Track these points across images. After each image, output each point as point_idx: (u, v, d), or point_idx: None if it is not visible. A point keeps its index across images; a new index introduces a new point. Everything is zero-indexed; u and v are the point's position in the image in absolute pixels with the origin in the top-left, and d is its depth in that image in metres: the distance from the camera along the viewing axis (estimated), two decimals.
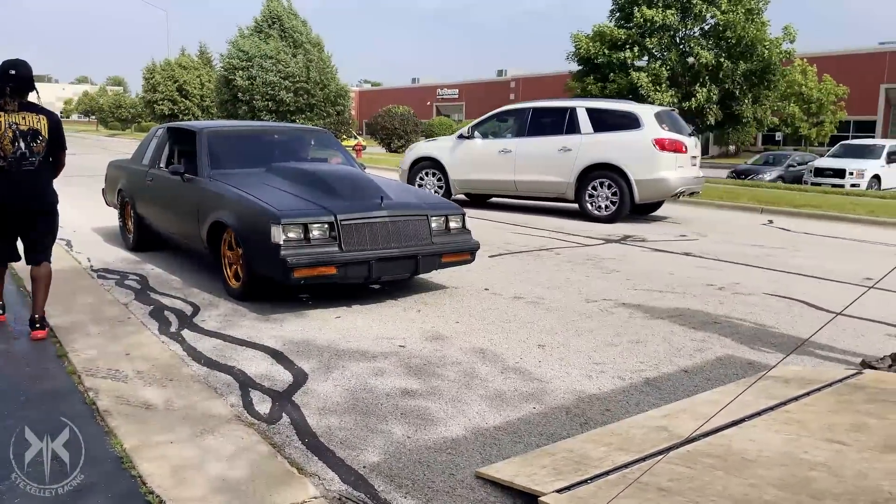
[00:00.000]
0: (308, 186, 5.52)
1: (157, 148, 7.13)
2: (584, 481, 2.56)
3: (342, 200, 5.23)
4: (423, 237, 5.35)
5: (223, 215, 5.36)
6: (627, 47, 24.22)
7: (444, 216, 5.58)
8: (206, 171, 5.95)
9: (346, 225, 5.00)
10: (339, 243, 4.94)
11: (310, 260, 4.77)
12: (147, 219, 7.00)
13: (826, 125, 36.37)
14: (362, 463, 2.86)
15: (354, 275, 4.97)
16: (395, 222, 5.23)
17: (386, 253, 5.06)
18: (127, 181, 7.55)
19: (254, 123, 7.69)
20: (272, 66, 33.23)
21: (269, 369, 3.92)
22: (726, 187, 16.67)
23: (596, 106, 10.99)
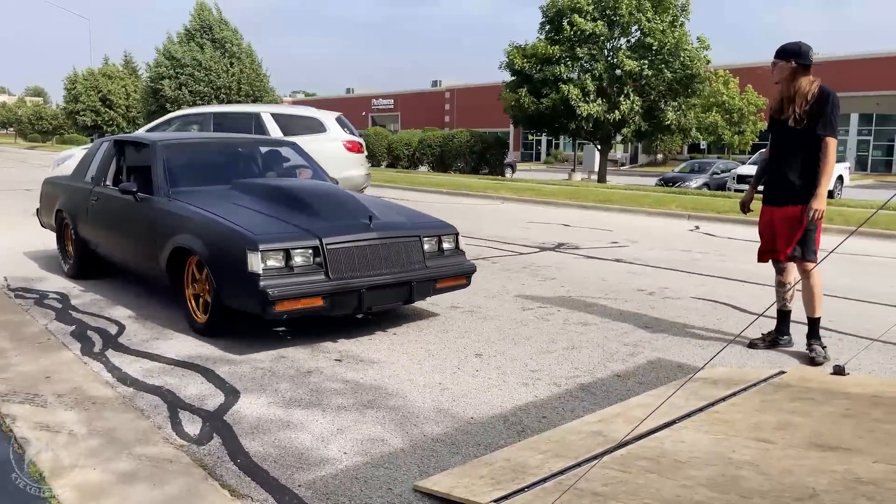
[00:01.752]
0: (283, 205, 4.93)
1: (102, 163, 6.36)
2: (521, 490, 2.56)
3: (324, 221, 4.65)
4: (417, 261, 4.80)
5: (187, 240, 4.69)
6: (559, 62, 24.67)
7: (437, 237, 5.06)
8: (164, 190, 5.29)
9: (333, 249, 4.42)
10: (326, 270, 4.35)
11: (294, 291, 4.19)
12: (91, 243, 6.25)
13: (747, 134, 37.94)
14: (297, 482, 2.80)
15: (343, 306, 4.41)
16: (385, 245, 4.66)
17: (377, 280, 4.52)
18: (67, 200, 6.71)
19: (214, 135, 6.93)
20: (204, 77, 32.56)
21: (199, 389, 3.79)
22: (655, 195, 17.16)
23: (280, 112, 11.38)
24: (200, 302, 4.79)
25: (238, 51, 34.12)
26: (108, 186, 6.12)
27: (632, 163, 50.50)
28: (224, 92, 33.02)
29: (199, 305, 4.82)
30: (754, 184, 4.84)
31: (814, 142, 4.30)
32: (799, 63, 4.31)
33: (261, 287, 4.13)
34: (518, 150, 55.45)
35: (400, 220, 5.08)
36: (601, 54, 24.94)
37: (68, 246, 6.78)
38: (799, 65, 4.31)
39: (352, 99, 69.91)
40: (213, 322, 4.66)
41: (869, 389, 3.55)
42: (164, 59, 33.49)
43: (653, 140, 27.15)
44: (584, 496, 2.46)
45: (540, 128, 27.82)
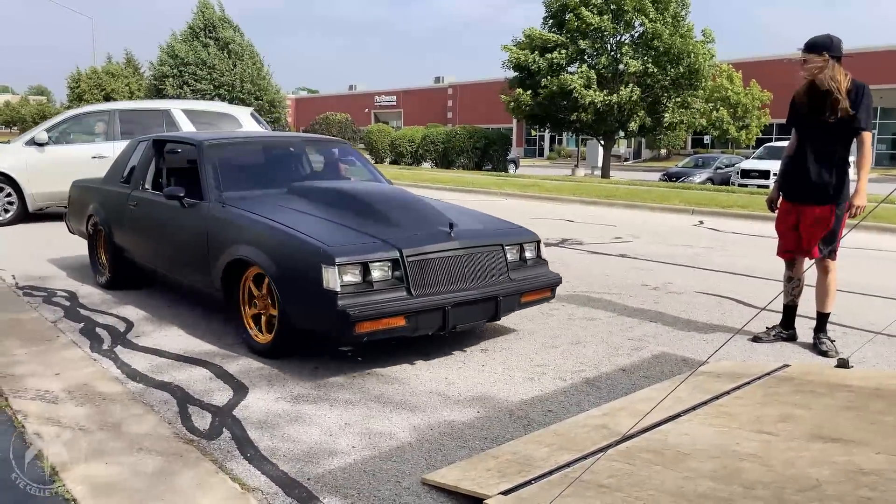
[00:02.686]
0: (350, 212, 4.44)
1: (140, 165, 5.85)
2: (527, 482, 2.60)
3: (400, 230, 4.17)
4: (500, 273, 4.31)
5: (247, 252, 4.22)
6: (557, 49, 24.66)
7: (519, 245, 4.57)
8: (215, 195, 4.80)
9: (414, 262, 3.95)
10: (408, 286, 3.89)
11: (375, 310, 3.72)
12: (129, 252, 5.77)
13: (752, 128, 37.91)
14: (307, 475, 2.84)
15: (426, 325, 3.94)
16: (469, 256, 4.18)
17: (463, 296, 4.03)
18: (101, 206, 6.17)
19: (261, 133, 6.26)
20: (206, 75, 32.60)
21: (208, 384, 3.84)
22: (659, 190, 17.16)
23: (191, 107, 11.15)
24: (261, 320, 4.35)
25: (241, 49, 34.16)
26: (147, 191, 5.67)
27: (635, 158, 50.44)
28: (226, 90, 33.05)
29: (256, 323, 4.39)
30: (779, 180, 4.64)
31: (847, 136, 4.23)
32: (832, 56, 4.17)
33: (339, 306, 3.65)
34: (521, 146, 55.44)
35: (478, 226, 4.60)
36: (604, 48, 24.95)
37: (101, 255, 6.27)
38: (832, 57, 4.18)
39: (354, 96, 69.95)
40: (278, 343, 4.16)
41: (871, 382, 3.57)
42: (167, 57, 33.52)
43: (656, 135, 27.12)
44: (590, 488, 2.49)
45: (542, 123, 27.84)
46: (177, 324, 5.01)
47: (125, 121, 10.60)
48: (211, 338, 4.68)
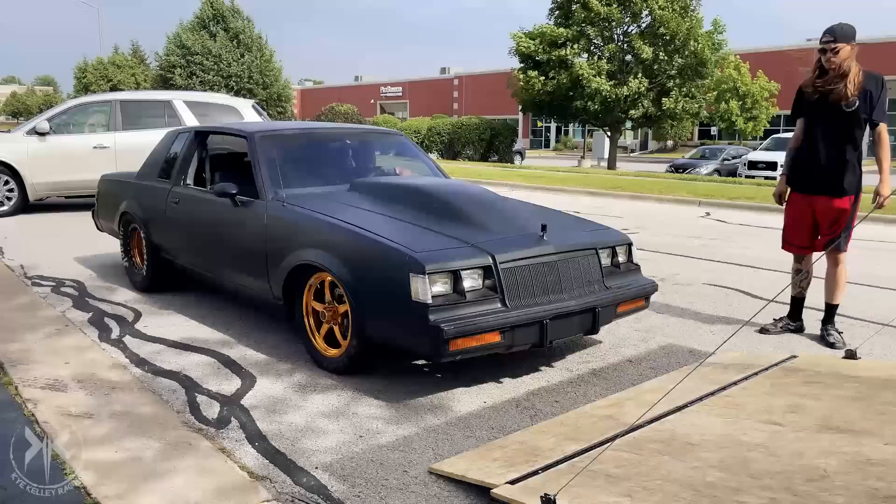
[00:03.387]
0: (427, 212, 4.02)
1: (182, 159, 5.39)
2: (535, 472, 2.60)
3: (487, 232, 3.76)
4: (595, 280, 3.90)
5: (314, 256, 3.81)
6: (568, 44, 24.62)
7: (612, 248, 4.13)
8: (274, 192, 4.37)
9: (508, 269, 3.53)
10: (502, 297, 3.48)
11: (470, 325, 3.29)
12: (168, 252, 5.37)
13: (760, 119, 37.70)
14: (314, 464, 2.85)
15: (522, 341, 3.52)
16: (564, 262, 3.77)
17: (561, 307, 3.61)
18: (136, 202, 5.72)
19: (313, 125, 5.84)
20: (214, 66, 32.59)
21: (217, 373, 3.85)
22: (665, 181, 17.10)
23: (193, 98, 11.17)
24: (325, 330, 3.96)
25: (250, 41, 34.12)
26: (190, 186, 5.25)
27: (642, 149, 50.27)
28: (234, 81, 33.05)
29: (322, 334, 3.97)
30: (786, 172, 4.59)
31: (860, 127, 4.18)
32: (855, 45, 4.13)
33: (432, 321, 3.24)
34: (527, 138, 55.32)
35: (568, 228, 4.22)
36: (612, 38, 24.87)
37: (136, 255, 5.85)
38: (855, 46, 4.13)
39: (360, 87, 69.84)
40: (350, 357, 3.75)
41: (879, 373, 3.56)
42: (175, 47, 33.51)
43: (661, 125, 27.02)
44: (598, 477, 2.50)
45: (549, 113, 27.77)
46: (185, 313, 5.03)
47: (127, 111, 10.60)
48: (220, 327, 4.69)
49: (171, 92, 11.72)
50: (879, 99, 4.12)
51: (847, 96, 4.12)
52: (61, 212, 10.54)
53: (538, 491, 2.33)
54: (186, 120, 10.44)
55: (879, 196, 4.15)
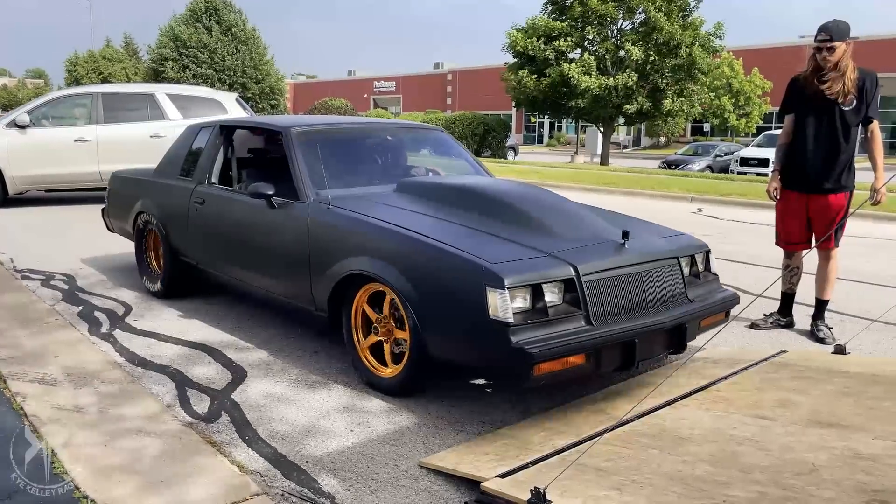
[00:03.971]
0: (491, 217, 3.64)
1: (205, 156, 5.00)
2: (525, 465, 2.61)
3: (562, 240, 3.37)
4: (678, 292, 3.49)
5: (366, 265, 3.44)
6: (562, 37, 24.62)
7: (691, 256, 3.74)
8: (315, 193, 4.00)
9: (592, 282, 3.12)
10: (587, 313, 3.07)
11: (556, 346, 2.88)
12: (191, 257, 4.98)
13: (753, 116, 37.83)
14: (305, 458, 2.85)
15: (608, 363, 3.13)
16: (648, 273, 3.36)
17: (648, 324, 3.19)
18: (154, 202, 5.33)
19: (350, 119, 5.47)
20: (207, 59, 32.46)
21: (207, 368, 3.84)
22: (658, 177, 17.13)
23: (176, 92, 11.07)
24: (372, 342, 3.61)
25: (243, 34, 34.00)
26: (216, 186, 4.86)
27: (634, 145, 50.36)
28: (227, 74, 32.92)
29: (367, 344, 3.63)
30: (780, 169, 4.55)
31: (855, 125, 4.22)
32: (850, 42, 4.15)
33: (514, 343, 2.84)
34: (520, 133, 55.31)
35: (653, 236, 3.77)
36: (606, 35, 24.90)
37: (152, 259, 5.49)
38: (850, 43, 4.15)
39: (353, 81, 69.68)
40: (409, 377, 3.39)
41: (869, 368, 3.58)
42: (168, 39, 33.35)
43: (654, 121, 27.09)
44: (587, 471, 2.50)
45: (542, 109, 27.79)
46: (175, 307, 5.01)
47: (108, 104, 10.43)
48: (210, 321, 4.68)
49: (153, 85, 11.58)
50: (873, 96, 4.13)
51: (845, 94, 4.13)
52: (45, 206, 10.48)
53: (528, 484, 2.33)
54: (169, 113, 10.35)
55: (876, 192, 4.17)
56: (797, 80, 4.37)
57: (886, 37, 38.19)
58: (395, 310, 3.45)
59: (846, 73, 4.12)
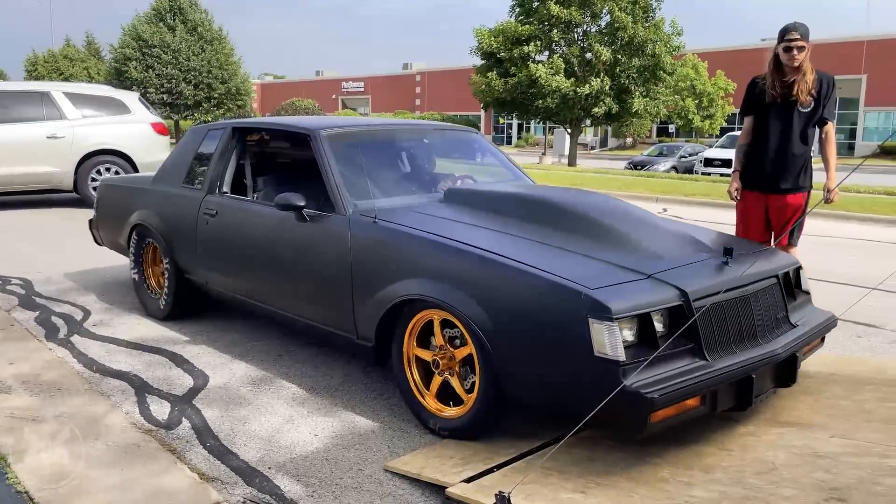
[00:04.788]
0: (566, 232, 3.17)
1: (216, 162, 4.42)
2: (490, 469, 2.60)
3: (659, 259, 2.92)
4: (781, 316, 3.10)
5: (427, 289, 2.97)
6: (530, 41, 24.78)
7: (787, 274, 3.28)
8: (353, 205, 3.50)
9: (703, 308, 2.69)
10: (699, 346, 2.65)
11: (678, 388, 2.47)
12: (199, 274, 4.42)
13: (717, 118, 38.44)
14: (268, 464, 2.80)
15: (724, 402, 2.69)
16: (755, 295, 2.94)
17: (765, 354, 2.80)
18: (154, 213, 4.73)
19: (379, 121, 4.79)
20: (172, 59, 31.98)
21: (168, 373, 3.77)
22: (624, 178, 17.31)
23: (74, 90, 10.62)
24: (438, 385, 3.10)
25: (209, 34, 33.58)
26: (228, 195, 4.31)
27: (602, 146, 50.82)
28: (193, 75, 32.49)
29: (433, 391, 3.12)
30: (740, 170, 4.54)
31: (812, 126, 4.28)
32: (810, 44, 4.18)
33: (629, 386, 2.40)
34: (489, 134, 55.50)
35: (743, 250, 3.31)
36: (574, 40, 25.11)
37: (153, 278, 4.96)
38: (810, 46, 4.18)
39: (321, 82, 69.23)
40: (480, 419, 2.91)
41: (828, 368, 3.64)
42: (130, 39, 32.79)
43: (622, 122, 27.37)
44: (552, 474, 2.50)
45: (509, 111, 27.92)
46: (136, 311, 4.91)
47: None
48: (171, 325, 4.59)
49: (49, 83, 10.89)
50: (830, 98, 4.20)
51: (805, 95, 4.19)
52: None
53: (493, 489, 2.32)
54: (67, 113, 9.87)
55: (829, 192, 4.23)
56: (757, 82, 4.42)
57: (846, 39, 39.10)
58: (454, 338, 3.01)
59: (807, 74, 4.18)
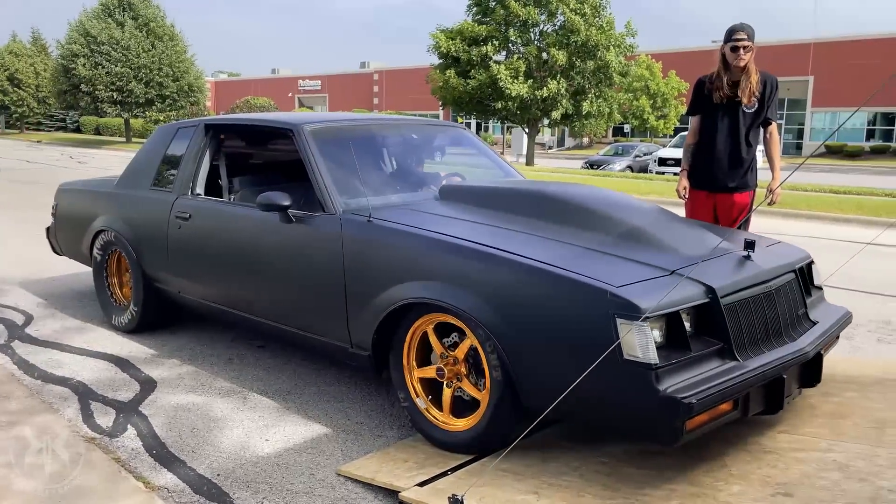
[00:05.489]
0: (583, 229, 3.00)
1: (187, 162, 4.17)
2: (444, 473, 2.58)
3: (678, 255, 2.77)
4: (801, 313, 2.99)
5: (433, 292, 2.77)
6: (488, 42, 24.86)
7: (802, 268, 3.15)
8: (344, 204, 3.30)
9: (731, 305, 2.56)
10: (729, 345, 2.51)
11: (711, 391, 2.29)
12: (172, 283, 4.12)
13: (670, 117, 39.11)
14: (216, 471, 2.73)
15: (755, 405, 2.54)
16: (778, 291, 2.83)
17: (794, 353, 2.67)
18: (119, 219, 4.43)
19: (364, 117, 4.53)
20: (121, 56, 31.24)
21: (113, 379, 3.66)
22: (580, 178, 17.48)
23: None
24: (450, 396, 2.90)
25: (161, 30, 32.88)
26: (201, 197, 4.04)
27: (559, 146, 51.29)
28: (144, 72, 31.78)
29: (448, 406, 2.90)
30: (688, 169, 4.55)
31: (757, 126, 4.36)
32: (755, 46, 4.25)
33: (663, 392, 2.24)
34: None
35: (773, 245, 3.29)
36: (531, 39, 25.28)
37: (117, 287, 4.65)
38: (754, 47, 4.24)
39: (277, 80, 68.41)
40: (488, 432, 2.72)
41: None
42: (78, 35, 31.93)
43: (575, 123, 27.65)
44: (506, 476, 2.49)
45: (468, 110, 27.96)
46: (81, 316, 4.76)
47: None
48: (117, 331, 4.46)
49: None
50: (773, 98, 4.28)
51: (750, 96, 4.26)
52: None
53: (447, 492, 2.30)
54: None
55: (772, 193, 4.31)
56: (703, 83, 4.48)
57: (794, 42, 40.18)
58: (456, 344, 2.86)
59: (751, 75, 4.25)
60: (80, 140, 38.05)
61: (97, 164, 20.46)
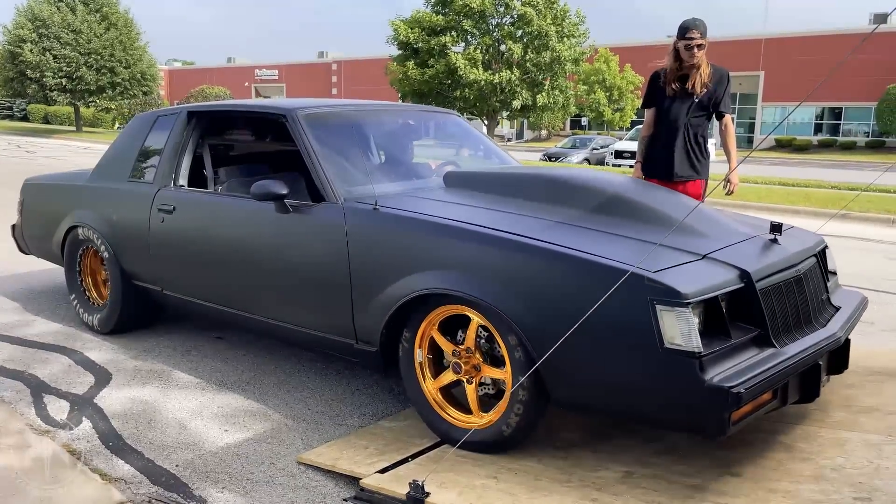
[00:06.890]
0: (604, 213, 2.88)
1: (169, 152, 3.94)
2: (405, 459, 2.61)
3: (709, 239, 2.70)
4: (824, 298, 2.93)
5: (449, 282, 2.63)
6: (446, 33, 24.91)
7: (822, 252, 3.10)
8: (345, 192, 3.13)
9: (766, 290, 2.48)
10: (766, 332, 2.43)
11: (757, 380, 2.21)
12: (154, 281, 3.90)
13: (626, 111, 39.64)
14: (175, 462, 2.72)
15: (792, 394, 2.47)
16: (806, 275, 2.76)
17: (827, 338, 2.61)
18: (95, 213, 4.18)
19: (359, 102, 4.26)
20: (72, 40, 30.34)
21: (67, 372, 3.59)
22: None
23: None
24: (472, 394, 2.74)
25: (114, 16, 32.03)
26: (186, 189, 3.84)
27: (518, 138, 51.59)
28: (95, 58, 30.94)
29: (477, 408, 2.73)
30: (641, 160, 4.64)
31: (709, 118, 4.47)
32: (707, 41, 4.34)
33: (709, 382, 2.15)
34: None
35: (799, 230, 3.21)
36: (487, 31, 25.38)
37: (92, 287, 4.41)
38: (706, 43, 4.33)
39: (233, 69, 67.23)
40: (511, 431, 2.58)
41: None
42: (25, 20, 30.93)
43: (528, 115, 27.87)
44: (465, 462, 2.53)
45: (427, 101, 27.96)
46: (32, 308, 4.65)
47: None
48: (73, 323, 4.38)
49: None
50: (725, 91, 4.40)
51: (702, 88, 4.37)
52: None
53: (407, 478, 2.33)
54: None
55: (729, 182, 4.43)
56: (658, 76, 4.57)
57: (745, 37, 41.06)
58: (478, 339, 2.70)
59: (702, 67, 4.36)
60: (28, 129, 36.93)
61: (46, 154, 19.92)
